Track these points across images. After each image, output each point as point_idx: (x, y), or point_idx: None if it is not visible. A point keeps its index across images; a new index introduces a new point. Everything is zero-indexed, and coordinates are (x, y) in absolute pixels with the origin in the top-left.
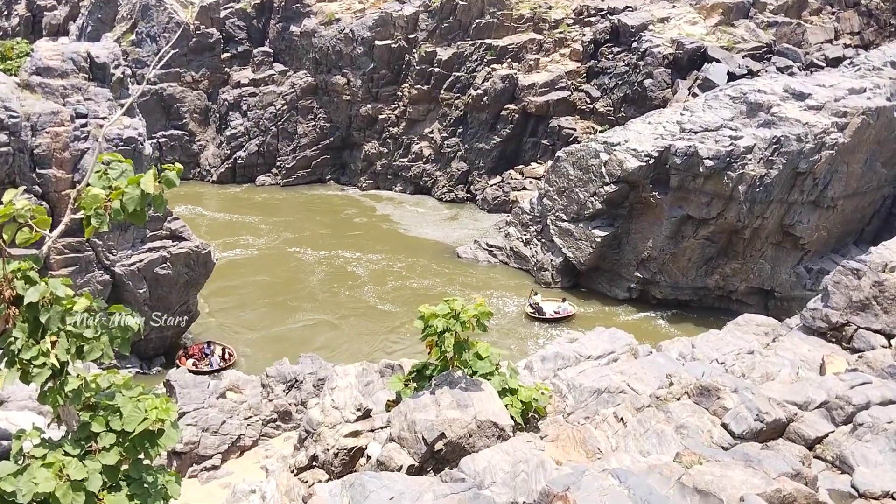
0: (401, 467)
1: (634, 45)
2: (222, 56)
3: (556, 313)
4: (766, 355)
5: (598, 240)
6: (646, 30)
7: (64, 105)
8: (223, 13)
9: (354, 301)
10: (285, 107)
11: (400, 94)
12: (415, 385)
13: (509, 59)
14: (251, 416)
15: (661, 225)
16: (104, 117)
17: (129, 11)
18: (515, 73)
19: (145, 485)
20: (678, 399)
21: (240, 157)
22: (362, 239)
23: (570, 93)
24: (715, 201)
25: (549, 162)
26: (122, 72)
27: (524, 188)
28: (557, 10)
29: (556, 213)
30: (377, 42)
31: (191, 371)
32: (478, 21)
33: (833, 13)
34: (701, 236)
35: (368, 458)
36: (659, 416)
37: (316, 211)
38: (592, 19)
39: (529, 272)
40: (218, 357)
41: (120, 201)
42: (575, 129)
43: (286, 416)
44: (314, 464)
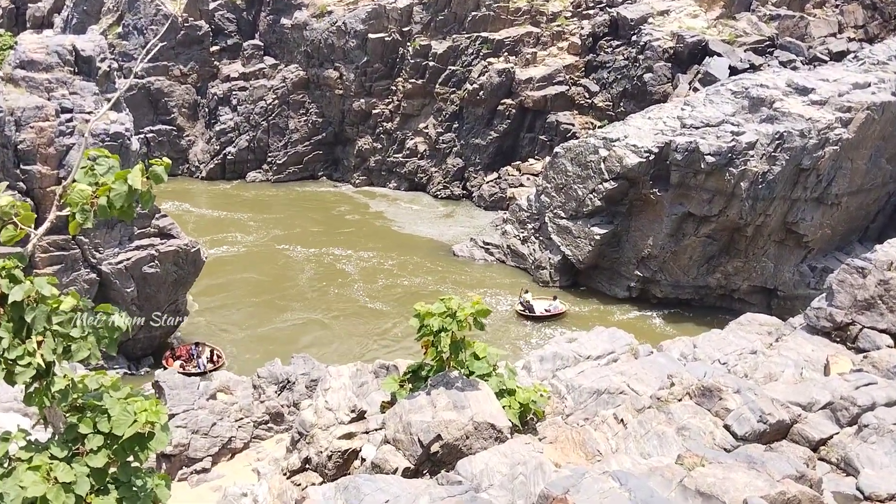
0: (396, 470)
1: (634, 38)
2: (211, 49)
3: (546, 311)
4: (770, 355)
5: (598, 238)
6: (645, 23)
7: (49, 99)
8: (212, 5)
9: (344, 300)
10: (276, 101)
11: (394, 88)
12: (410, 386)
13: (506, 53)
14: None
15: (661, 222)
16: (90, 112)
17: (116, 3)
18: (512, 68)
19: (134, 488)
20: (679, 400)
21: (229, 152)
22: (354, 236)
23: (568, 87)
24: (716, 198)
25: (547, 158)
26: (109, 65)
27: (521, 185)
28: (555, 2)
29: (555, 211)
30: (370, 35)
31: (178, 373)
32: (473, 14)
33: (837, 6)
34: (702, 234)
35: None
36: (660, 418)
37: (307, 208)
38: (591, 12)
39: (527, 271)
40: (206, 359)
41: (107, 197)
42: (573, 125)
43: (278, 418)
44: (307, 466)
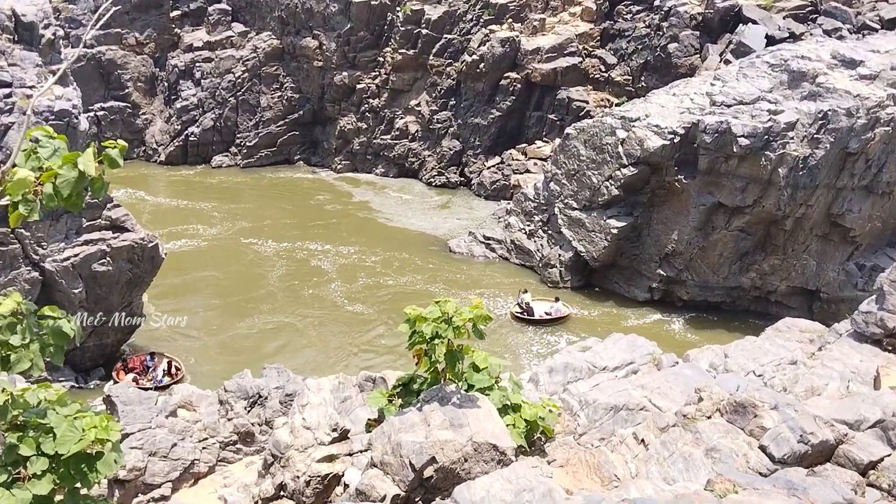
0: (384, 497)
1: (657, 3)
2: (171, 14)
3: (546, 315)
4: (812, 366)
5: (615, 231)
6: None
7: None
8: None
9: (319, 301)
10: (246, 74)
11: (381, 59)
12: (400, 401)
13: (510, 20)
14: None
15: (687, 214)
16: (32, 86)
17: None
18: (517, 36)
19: None
20: (709, 417)
21: (192, 133)
22: (334, 230)
23: (581, 59)
24: (751, 187)
25: (557, 140)
26: (54, 32)
27: (527, 171)
28: None
29: (565, 201)
30: None
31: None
32: None
33: None
34: (734, 227)
35: (346, 486)
36: (686, 438)
37: (281, 197)
38: None
39: (534, 269)
40: (163, 371)
41: (53, 184)
42: (587, 102)
43: (248, 438)
44: (282, 493)
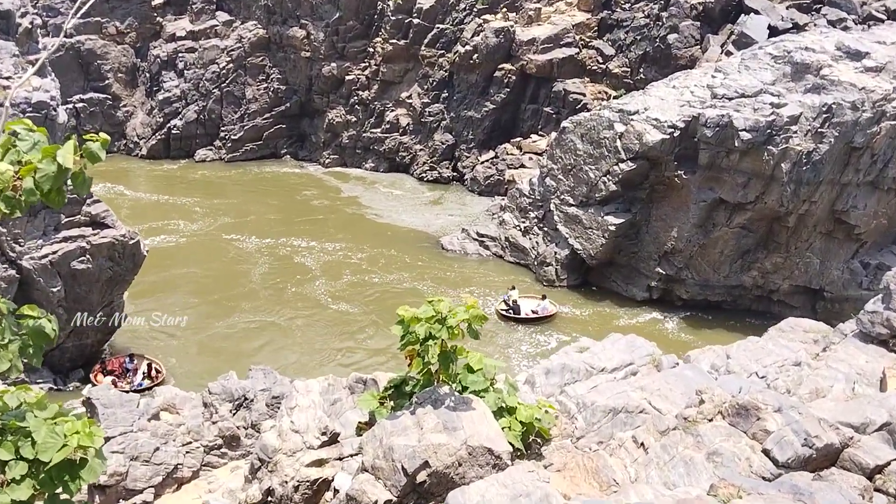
0: (375, 503)
1: None
2: (153, 3)
3: (533, 313)
4: (816, 367)
5: (612, 228)
6: None
7: None
8: None
9: (303, 299)
10: (231, 65)
11: (371, 50)
12: (392, 404)
13: (504, 9)
14: (191, 442)
15: (687, 211)
16: (9, 77)
17: None
18: (512, 26)
19: None
20: (710, 420)
21: (175, 126)
22: (320, 226)
23: (578, 50)
24: (753, 182)
25: (553, 134)
26: (31, 21)
27: (522, 166)
28: None
29: (562, 197)
30: None
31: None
32: None
33: None
34: (736, 224)
35: (336, 491)
36: (687, 441)
37: (266, 192)
38: None
39: (529, 267)
40: (143, 374)
41: (32, 179)
42: (584, 95)
43: (233, 442)
44: (269, 499)
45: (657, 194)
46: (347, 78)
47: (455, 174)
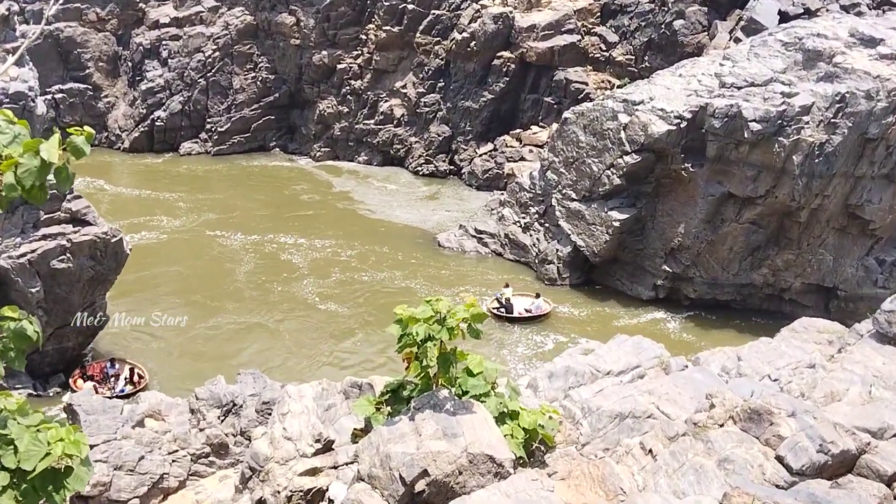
0: None
1: None
2: None
3: (526, 312)
4: (831, 370)
5: (616, 224)
6: None
7: None
8: None
9: (290, 299)
10: (217, 54)
11: (364, 37)
12: (389, 409)
13: None
14: (177, 450)
15: (695, 205)
16: None
17: None
18: (511, 12)
19: None
20: (721, 425)
21: (158, 118)
22: (310, 222)
23: (580, 37)
24: (763, 175)
25: (554, 125)
26: (8, 8)
27: (522, 159)
28: None
29: (563, 191)
30: None
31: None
32: None
33: None
34: (745, 220)
35: (330, 502)
36: (697, 448)
37: (254, 186)
38: None
39: (529, 265)
40: (124, 379)
41: (13, 174)
42: (586, 84)
43: (222, 450)
44: None
45: (663, 188)
46: (339, 67)
47: (452, 168)
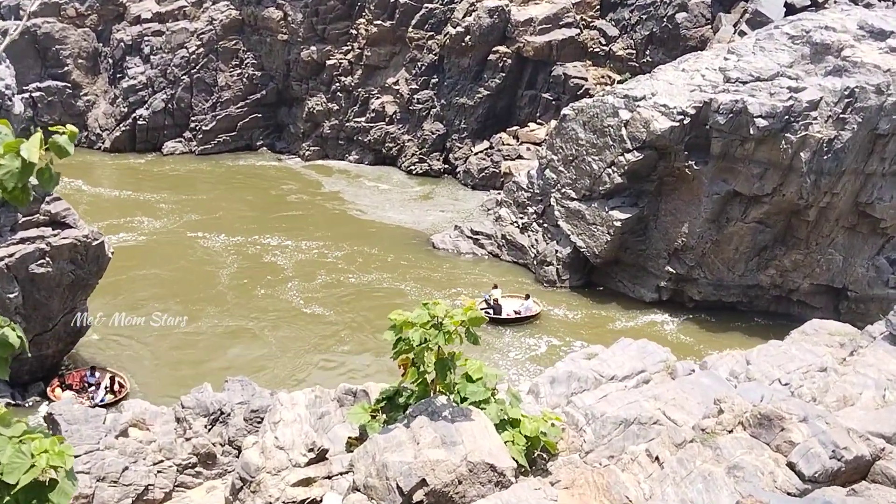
0: None
1: None
2: None
3: (516, 313)
4: (843, 373)
5: (618, 224)
6: None
7: None
8: None
9: (275, 302)
10: (201, 49)
11: (354, 32)
12: (385, 417)
13: None
14: (163, 461)
15: (699, 204)
16: None
17: None
18: (507, 5)
19: None
20: (730, 431)
21: (141, 116)
22: (298, 223)
23: (578, 31)
24: (769, 173)
25: (553, 122)
26: None
27: (520, 157)
28: None
29: (563, 190)
30: None
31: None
32: None
33: None
34: (751, 219)
35: None
36: (705, 455)
37: (239, 187)
38: None
39: (528, 267)
40: (105, 388)
41: None
42: (586, 79)
43: (209, 460)
44: None
45: (666, 187)
46: (328, 63)
47: (446, 167)
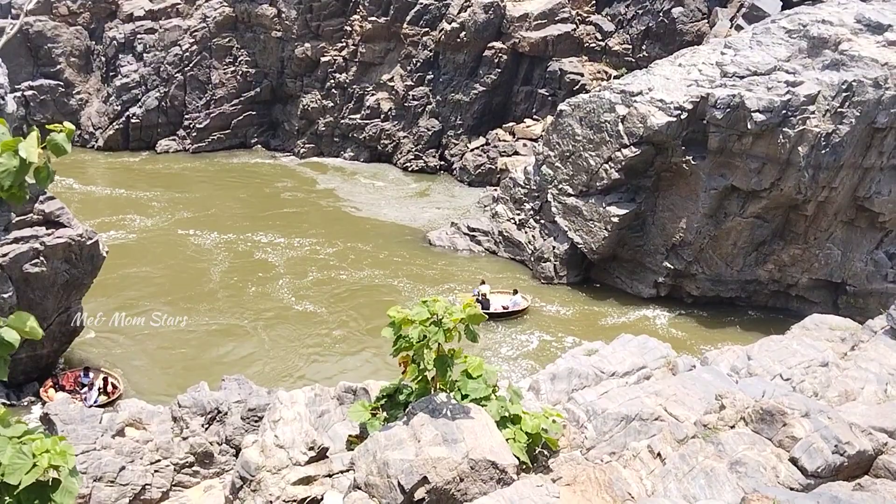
0: None
1: None
2: None
3: (504, 309)
4: (845, 368)
5: (615, 220)
6: None
7: None
8: None
9: (267, 299)
10: (195, 47)
11: (349, 28)
12: (385, 414)
13: None
14: (160, 460)
15: (697, 200)
16: None
17: None
18: (502, 1)
19: None
20: (732, 427)
21: (134, 114)
22: (292, 221)
23: (574, 26)
24: (767, 168)
25: (549, 118)
26: None
27: (516, 153)
28: None
29: (559, 186)
30: None
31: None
32: None
33: None
34: (750, 214)
35: None
36: (707, 450)
37: (233, 185)
38: None
39: (525, 263)
40: (98, 389)
41: None
42: (582, 75)
43: (206, 459)
44: None
45: (664, 182)
46: (323, 59)
47: (442, 163)
